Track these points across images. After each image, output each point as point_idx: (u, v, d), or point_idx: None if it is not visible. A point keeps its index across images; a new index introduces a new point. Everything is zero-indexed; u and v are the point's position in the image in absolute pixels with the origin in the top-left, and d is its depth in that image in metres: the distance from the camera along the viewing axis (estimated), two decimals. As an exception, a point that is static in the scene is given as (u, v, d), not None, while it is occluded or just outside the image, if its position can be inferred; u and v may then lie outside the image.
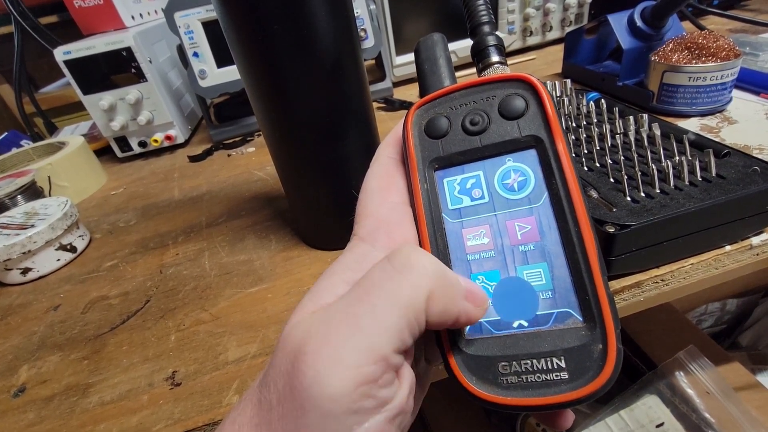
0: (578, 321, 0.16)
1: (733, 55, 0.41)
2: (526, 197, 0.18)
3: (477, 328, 0.17)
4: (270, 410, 0.14)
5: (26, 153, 0.66)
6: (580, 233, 0.16)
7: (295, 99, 0.30)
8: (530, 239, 0.17)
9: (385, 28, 0.70)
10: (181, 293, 0.37)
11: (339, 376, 0.13)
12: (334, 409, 0.13)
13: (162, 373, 0.30)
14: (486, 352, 0.17)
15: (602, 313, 0.15)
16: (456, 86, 0.20)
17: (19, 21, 0.73)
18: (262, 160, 0.60)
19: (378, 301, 0.14)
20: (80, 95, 0.63)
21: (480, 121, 0.19)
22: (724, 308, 0.83)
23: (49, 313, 0.39)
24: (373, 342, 0.13)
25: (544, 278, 0.17)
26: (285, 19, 0.27)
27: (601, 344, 0.15)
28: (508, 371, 0.16)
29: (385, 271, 0.15)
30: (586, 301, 0.16)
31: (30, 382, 0.32)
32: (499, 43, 0.21)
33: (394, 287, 0.14)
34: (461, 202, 0.19)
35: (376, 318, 0.13)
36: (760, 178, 0.27)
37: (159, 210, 0.54)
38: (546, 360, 0.16)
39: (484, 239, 0.18)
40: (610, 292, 0.16)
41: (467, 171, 0.19)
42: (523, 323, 0.17)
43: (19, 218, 0.46)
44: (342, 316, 0.14)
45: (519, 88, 0.19)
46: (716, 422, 0.49)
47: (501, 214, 0.18)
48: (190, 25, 0.60)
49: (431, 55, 0.22)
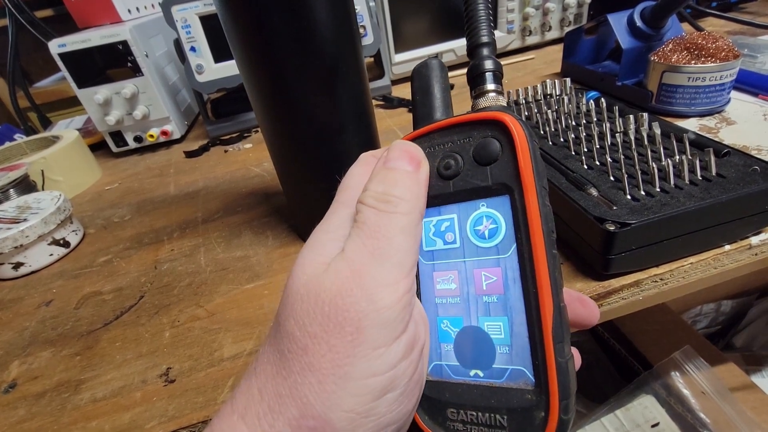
0: (529, 382, 0.16)
1: (732, 56, 0.41)
2: (495, 246, 0.17)
3: (438, 370, 0.18)
4: (304, 353, 0.15)
5: (19, 147, 0.65)
6: (537, 296, 0.15)
7: (294, 94, 0.30)
8: (494, 291, 0.17)
9: (384, 25, 0.69)
10: (176, 289, 0.37)
11: (387, 291, 0.15)
12: (390, 317, 0.15)
13: (156, 369, 0.29)
14: (439, 396, 0.17)
15: (548, 382, 0.15)
16: (435, 126, 0.19)
17: (14, 14, 0.72)
18: (259, 156, 0.60)
19: (388, 233, 0.16)
20: (75, 89, 0.63)
21: (453, 165, 0.18)
22: (719, 309, 0.83)
23: (41, 308, 0.39)
24: (399, 260, 0.16)
25: (503, 333, 0.16)
26: (285, 12, 0.26)
27: (543, 412, 0.15)
28: (455, 418, 0.16)
29: (379, 215, 0.17)
30: (536, 365, 0.16)
31: (21, 378, 0.31)
32: (497, 68, 0.20)
33: (393, 220, 0.17)
34: (435, 244, 0.19)
35: (392, 245, 0.16)
36: (760, 178, 0.27)
37: (154, 205, 0.53)
38: (490, 415, 0.16)
39: (452, 284, 0.18)
40: (562, 361, 0.15)
41: (443, 213, 0.19)
42: (479, 373, 0.17)
43: (11, 212, 0.45)
44: (364, 252, 0.16)
45: (495, 131, 0.17)
46: (711, 422, 0.49)
47: (470, 261, 0.18)
48: (187, 19, 0.59)
49: (424, 85, 0.21)
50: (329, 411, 0.14)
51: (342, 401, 0.14)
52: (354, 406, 0.14)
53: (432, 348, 0.18)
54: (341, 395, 0.14)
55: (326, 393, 0.14)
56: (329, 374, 0.15)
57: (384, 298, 0.15)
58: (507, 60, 0.76)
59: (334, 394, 0.14)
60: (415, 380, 0.16)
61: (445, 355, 0.18)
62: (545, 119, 0.39)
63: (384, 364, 0.15)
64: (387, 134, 0.58)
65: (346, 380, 0.14)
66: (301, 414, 0.14)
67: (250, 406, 0.15)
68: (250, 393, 0.16)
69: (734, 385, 0.54)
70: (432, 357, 0.18)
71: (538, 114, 0.40)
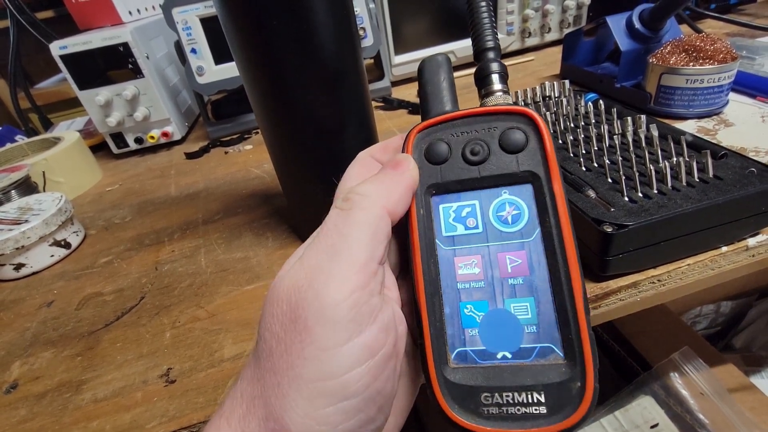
0: (559, 357, 0.16)
1: (730, 58, 0.41)
2: (519, 231, 0.18)
3: (462, 356, 0.18)
4: (270, 355, 0.15)
5: (20, 148, 0.65)
6: (569, 272, 0.16)
7: (293, 95, 0.30)
8: (520, 273, 0.18)
9: (384, 27, 0.70)
10: (177, 290, 0.37)
11: (334, 287, 0.15)
12: (336, 316, 0.14)
13: (156, 370, 0.30)
14: (470, 382, 0.17)
15: (583, 352, 0.16)
16: (458, 113, 0.20)
17: (15, 15, 0.73)
18: (259, 157, 0.60)
19: (343, 230, 0.16)
20: (76, 90, 0.63)
21: (480, 151, 0.19)
22: (719, 310, 0.83)
23: (42, 309, 0.39)
24: (352, 256, 0.15)
25: (530, 313, 0.17)
26: (284, 14, 0.26)
27: (579, 382, 0.15)
28: (490, 402, 0.16)
29: (338, 213, 0.17)
30: (568, 338, 0.16)
31: (22, 378, 0.31)
32: (503, 70, 0.21)
33: (350, 216, 0.16)
34: (455, 229, 0.19)
35: (346, 240, 0.16)
36: (756, 180, 0.27)
37: (155, 206, 0.53)
38: (527, 393, 0.16)
39: (476, 269, 0.18)
40: (592, 332, 0.16)
41: (463, 199, 0.19)
42: (506, 355, 0.17)
43: (12, 213, 0.45)
44: (319, 251, 0.16)
45: (521, 122, 0.19)
46: (710, 423, 0.50)
47: (493, 245, 0.18)
48: (188, 21, 0.60)
49: (434, 78, 0.22)
50: (285, 414, 0.14)
51: (296, 405, 0.14)
52: (308, 410, 0.14)
53: (455, 335, 0.18)
54: (295, 398, 0.14)
55: (283, 395, 0.14)
56: (285, 376, 0.15)
57: (330, 294, 0.15)
58: (507, 61, 0.76)
59: (288, 396, 0.14)
60: (378, 391, 0.15)
61: (470, 340, 0.18)
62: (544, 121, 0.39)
63: (335, 367, 0.14)
64: (387, 135, 0.57)
65: (299, 383, 0.14)
66: (265, 416, 0.15)
67: (234, 409, 0.16)
68: (234, 397, 0.16)
69: (733, 386, 0.54)
70: (455, 344, 0.18)
71: (537, 116, 0.41)
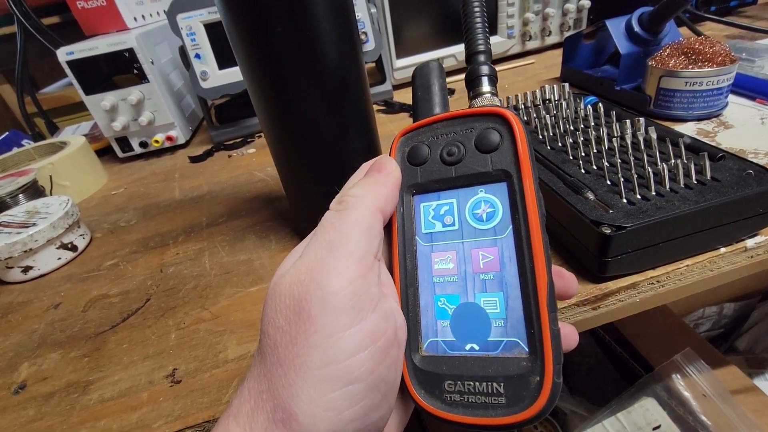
0: (524, 352, 0.17)
1: (729, 60, 0.41)
2: (492, 228, 0.19)
3: (433, 346, 0.18)
4: (275, 349, 0.16)
5: (27, 152, 0.66)
6: (534, 270, 0.17)
7: (296, 100, 0.30)
8: (491, 269, 0.18)
9: (385, 31, 0.70)
10: (182, 292, 0.38)
11: (335, 277, 0.16)
12: (338, 303, 0.15)
13: (162, 370, 0.30)
14: (436, 369, 0.18)
15: (543, 348, 0.16)
16: (440, 116, 0.21)
17: (21, 21, 0.74)
18: (262, 161, 0.61)
19: (340, 227, 0.17)
20: (82, 95, 0.64)
21: (456, 152, 0.20)
22: (722, 312, 0.83)
23: (49, 311, 0.39)
24: (349, 250, 0.17)
25: (499, 307, 0.18)
26: (287, 20, 0.27)
27: (538, 376, 0.16)
28: (453, 389, 0.17)
29: (333, 214, 0.18)
30: (532, 334, 0.17)
31: (30, 379, 0.32)
32: (492, 73, 0.22)
33: (345, 215, 0.18)
34: (434, 227, 0.20)
35: (343, 236, 0.17)
36: (754, 181, 0.27)
37: (159, 210, 0.54)
38: (488, 384, 0.17)
39: (450, 264, 0.19)
40: (555, 329, 0.16)
41: (442, 198, 0.20)
42: (474, 347, 0.18)
43: (20, 217, 0.46)
44: (318, 248, 0.17)
45: (496, 123, 0.19)
46: (713, 425, 0.50)
47: (468, 242, 0.19)
48: (192, 26, 0.60)
49: (425, 83, 0.23)
50: (292, 402, 0.15)
51: (302, 392, 0.15)
52: (313, 396, 0.15)
53: (428, 325, 0.19)
54: (301, 386, 0.15)
55: (289, 384, 0.15)
56: (291, 365, 0.15)
57: (331, 283, 0.16)
58: (507, 65, 0.77)
59: (295, 384, 0.15)
60: (381, 377, 0.16)
61: (442, 331, 0.19)
62: (544, 124, 0.39)
63: (338, 353, 0.15)
64: (388, 139, 0.58)
65: (305, 370, 0.15)
66: (273, 407, 0.15)
67: (242, 407, 0.16)
68: (241, 395, 0.16)
69: (735, 388, 0.54)
70: (428, 334, 0.19)
71: (537, 119, 0.41)
